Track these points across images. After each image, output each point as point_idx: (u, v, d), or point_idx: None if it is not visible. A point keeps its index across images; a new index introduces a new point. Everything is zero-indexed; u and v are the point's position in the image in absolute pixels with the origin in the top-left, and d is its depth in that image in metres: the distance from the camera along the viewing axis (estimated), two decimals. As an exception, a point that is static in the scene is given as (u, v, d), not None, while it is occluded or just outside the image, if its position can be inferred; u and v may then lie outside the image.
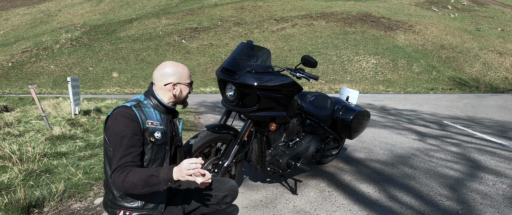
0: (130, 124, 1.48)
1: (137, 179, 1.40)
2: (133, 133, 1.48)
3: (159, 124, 1.60)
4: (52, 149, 3.88)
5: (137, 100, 1.62)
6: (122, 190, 1.44)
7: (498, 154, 4.14)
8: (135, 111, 1.53)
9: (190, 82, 1.70)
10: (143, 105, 1.60)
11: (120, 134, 1.47)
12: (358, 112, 3.15)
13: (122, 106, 1.55)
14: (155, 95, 1.64)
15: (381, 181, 3.08)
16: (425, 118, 7.54)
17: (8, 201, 2.25)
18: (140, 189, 1.41)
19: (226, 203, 1.86)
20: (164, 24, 36.78)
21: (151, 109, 1.62)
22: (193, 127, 5.88)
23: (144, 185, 1.40)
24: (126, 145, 1.46)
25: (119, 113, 1.51)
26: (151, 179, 1.40)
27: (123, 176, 1.41)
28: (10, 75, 27.09)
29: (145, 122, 1.54)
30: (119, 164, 1.44)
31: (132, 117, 1.51)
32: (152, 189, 1.42)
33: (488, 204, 2.57)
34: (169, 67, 1.63)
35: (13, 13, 50.57)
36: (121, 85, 24.48)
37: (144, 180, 1.40)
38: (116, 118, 1.50)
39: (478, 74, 26.47)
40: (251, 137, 2.50)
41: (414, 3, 45.60)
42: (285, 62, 26.64)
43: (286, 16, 36.31)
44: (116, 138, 1.47)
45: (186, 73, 1.67)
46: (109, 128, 1.51)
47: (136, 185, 1.40)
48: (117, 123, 1.49)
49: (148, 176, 1.41)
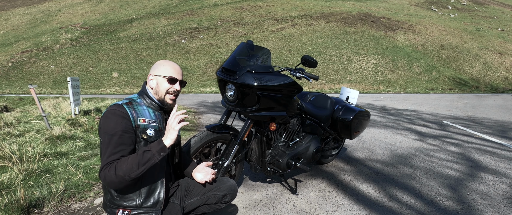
0: (120, 122, 1.49)
1: (130, 163, 1.42)
2: (123, 131, 1.48)
3: (152, 121, 1.60)
4: (52, 149, 3.88)
5: (129, 99, 1.63)
6: (116, 183, 1.43)
7: (498, 154, 4.14)
8: (126, 109, 1.54)
9: (170, 77, 1.63)
10: (136, 103, 1.61)
11: (110, 131, 1.47)
12: (358, 112, 3.15)
13: (114, 104, 1.55)
14: (147, 93, 1.65)
15: (381, 181, 3.08)
16: (425, 118, 7.54)
17: (8, 201, 2.25)
18: (136, 170, 1.43)
19: (226, 202, 1.86)
20: (164, 24, 36.78)
21: (144, 107, 1.62)
22: (193, 127, 5.88)
23: (139, 164, 1.43)
24: (115, 143, 1.46)
25: (110, 111, 1.51)
26: (145, 155, 1.45)
27: (113, 169, 1.42)
28: (10, 75, 27.09)
29: (136, 119, 1.54)
30: (107, 161, 1.44)
31: (123, 115, 1.51)
32: (149, 164, 1.46)
33: (488, 204, 2.57)
34: (158, 61, 1.69)
35: (13, 13, 50.57)
36: (121, 85, 24.48)
37: (138, 160, 1.43)
38: (107, 116, 1.50)
39: (478, 74, 26.47)
40: (251, 137, 2.50)
41: (414, 3, 45.60)
42: (285, 62, 26.64)
43: (286, 16, 36.30)
44: (105, 136, 1.47)
45: (166, 67, 1.65)
46: (100, 127, 1.52)
47: (131, 169, 1.42)
48: (107, 121, 1.49)
49: (141, 154, 1.45)
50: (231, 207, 2.44)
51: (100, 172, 1.45)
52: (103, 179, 1.44)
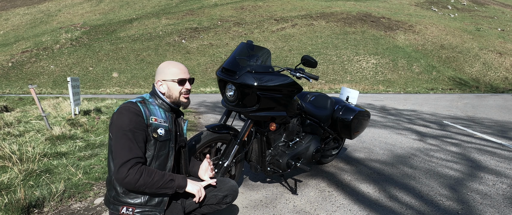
0: (134, 119, 1.51)
1: (154, 179, 1.51)
2: (136, 128, 1.51)
3: (163, 121, 1.62)
4: (52, 149, 3.88)
5: (142, 98, 1.65)
6: (132, 186, 1.47)
7: (498, 154, 4.14)
8: (140, 106, 1.56)
9: (180, 79, 1.65)
10: (148, 102, 1.64)
11: (125, 127, 1.49)
12: (358, 112, 3.15)
13: (128, 102, 1.58)
14: (158, 94, 1.67)
15: (381, 181, 3.08)
16: (425, 118, 7.54)
17: (8, 201, 2.25)
18: (154, 189, 1.52)
19: (226, 203, 1.86)
20: (164, 24, 36.79)
21: (156, 107, 1.65)
22: (193, 127, 5.88)
23: (160, 186, 1.53)
24: (133, 138, 1.49)
25: (125, 108, 1.54)
26: (168, 183, 1.55)
27: (140, 173, 1.47)
28: (10, 75, 27.09)
29: (149, 117, 1.57)
30: (131, 156, 1.47)
31: (137, 112, 1.53)
32: (164, 191, 1.56)
33: (488, 204, 2.57)
34: (162, 65, 1.69)
35: (13, 13, 50.57)
36: (121, 85, 24.48)
37: (161, 182, 1.52)
38: (121, 112, 1.53)
39: (478, 74, 26.47)
40: (251, 137, 2.50)
41: (414, 3, 45.60)
42: (285, 62, 26.64)
43: (286, 16, 36.31)
44: (119, 131, 1.49)
45: (173, 70, 1.66)
46: (113, 122, 1.53)
47: (152, 185, 1.50)
48: (122, 117, 1.51)
49: (167, 180, 1.55)
50: (231, 207, 2.44)
51: (121, 166, 1.45)
52: (123, 175, 1.44)
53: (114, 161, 1.49)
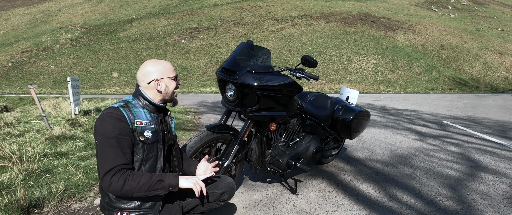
0: (117, 125, 1.47)
1: (140, 183, 1.45)
2: (121, 134, 1.46)
3: (148, 122, 1.58)
4: (52, 149, 3.88)
5: (125, 101, 1.60)
6: (118, 193, 1.43)
7: (498, 154, 4.14)
8: (123, 111, 1.51)
9: (174, 76, 1.67)
10: (131, 105, 1.58)
11: (108, 135, 1.45)
12: (358, 112, 3.15)
13: (110, 107, 1.53)
14: (143, 95, 1.62)
15: (381, 181, 3.08)
16: (425, 118, 7.54)
17: (8, 201, 2.25)
18: (142, 193, 1.46)
19: (224, 200, 1.86)
20: (164, 24, 36.78)
21: (140, 109, 1.60)
22: (193, 127, 5.88)
23: (149, 189, 1.47)
24: (117, 146, 1.44)
25: (107, 114, 1.49)
26: (157, 184, 1.48)
27: (123, 180, 1.42)
28: (10, 75, 27.09)
29: (133, 121, 1.52)
30: (114, 165, 1.42)
31: (120, 117, 1.49)
32: (156, 193, 1.49)
33: (488, 204, 2.57)
34: (150, 65, 1.62)
35: (13, 13, 50.57)
36: (121, 85, 24.48)
37: (149, 185, 1.46)
38: (103, 119, 1.48)
39: (478, 74, 26.47)
40: (251, 137, 2.50)
41: (414, 3, 45.60)
42: (285, 62, 26.64)
43: (286, 16, 36.30)
44: (104, 139, 1.45)
45: (167, 68, 1.64)
46: (96, 130, 1.49)
47: (139, 189, 1.45)
48: (104, 124, 1.47)
49: (154, 181, 1.48)
50: (231, 207, 2.44)
51: (104, 175, 1.42)
52: (107, 184, 1.42)
53: (99, 171, 1.47)
